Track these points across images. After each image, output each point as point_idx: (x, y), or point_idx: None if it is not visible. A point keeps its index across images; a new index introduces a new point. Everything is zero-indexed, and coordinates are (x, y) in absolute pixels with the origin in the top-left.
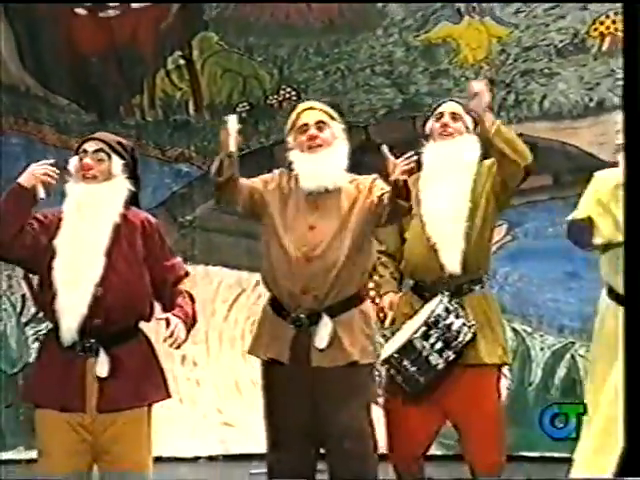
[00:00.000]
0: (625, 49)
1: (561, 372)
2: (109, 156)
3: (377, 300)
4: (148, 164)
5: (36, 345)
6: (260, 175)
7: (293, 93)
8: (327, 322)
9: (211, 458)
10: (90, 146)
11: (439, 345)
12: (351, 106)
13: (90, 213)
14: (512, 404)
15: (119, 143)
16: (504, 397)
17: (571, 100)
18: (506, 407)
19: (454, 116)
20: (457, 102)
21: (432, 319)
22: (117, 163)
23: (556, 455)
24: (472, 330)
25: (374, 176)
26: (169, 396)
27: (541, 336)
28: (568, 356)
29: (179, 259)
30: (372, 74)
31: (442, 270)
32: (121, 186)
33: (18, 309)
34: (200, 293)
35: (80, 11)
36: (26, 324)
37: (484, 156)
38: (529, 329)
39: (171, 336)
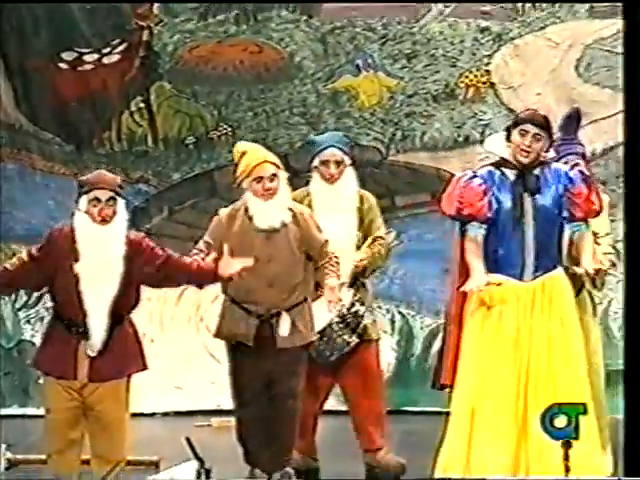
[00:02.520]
0: (625, 49)
1: (436, 346)
2: (115, 200)
3: None
4: None
5: (28, 326)
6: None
7: (229, 129)
8: (286, 317)
9: (165, 414)
10: (103, 195)
11: (348, 327)
12: (274, 140)
13: (104, 244)
14: (398, 370)
15: (119, 186)
16: (392, 366)
17: (444, 136)
18: (393, 372)
19: (337, 163)
20: (339, 148)
21: (342, 313)
22: (121, 203)
23: (433, 409)
24: (372, 317)
25: (310, 212)
26: (145, 368)
27: (421, 318)
28: (441, 334)
29: (161, 250)
30: (290, 114)
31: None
32: (123, 219)
33: (13, 297)
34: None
35: (63, 65)
36: (19, 309)
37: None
38: (412, 312)
39: None
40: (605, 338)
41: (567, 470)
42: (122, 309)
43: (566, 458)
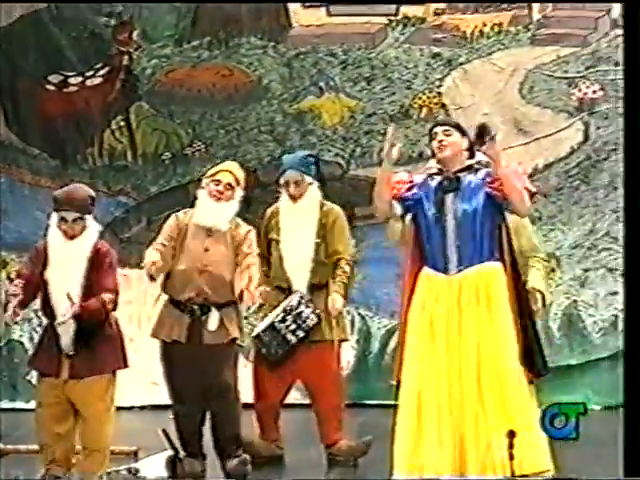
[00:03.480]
0: (625, 49)
1: (392, 345)
2: (82, 218)
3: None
4: (98, 197)
5: (16, 327)
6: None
7: (202, 146)
8: (215, 313)
9: (142, 407)
10: (69, 216)
11: (293, 327)
12: (243, 156)
13: (71, 257)
14: (357, 367)
15: (89, 200)
16: (352, 362)
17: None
18: (353, 369)
19: (296, 184)
20: (296, 169)
21: (288, 308)
22: (89, 219)
23: (389, 402)
24: (316, 316)
25: (248, 229)
26: (127, 366)
27: (378, 319)
28: (397, 333)
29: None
30: (259, 132)
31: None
32: (93, 232)
33: (3, 300)
34: (135, 289)
35: (49, 87)
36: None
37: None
38: (370, 314)
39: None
40: (545, 338)
41: (511, 458)
42: (89, 315)
43: (510, 447)
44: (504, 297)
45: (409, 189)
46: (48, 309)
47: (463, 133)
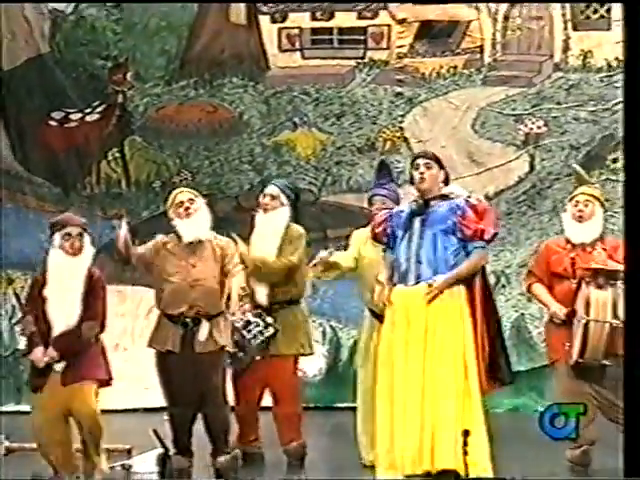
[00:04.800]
0: (625, 49)
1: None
2: (83, 235)
3: None
4: (95, 220)
5: (22, 338)
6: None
7: (189, 175)
8: (205, 324)
9: (135, 410)
10: (74, 230)
11: (253, 340)
12: (226, 184)
13: (70, 275)
14: (329, 373)
15: (85, 223)
16: (323, 370)
17: (366, 180)
18: (325, 375)
19: (272, 197)
20: (276, 185)
21: (245, 323)
22: (87, 239)
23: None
24: (272, 331)
25: (228, 240)
26: (110, 377)
27: (347, 330)
28: None
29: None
30: (240, 163)
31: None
32: (89, 253)
33: (10, 313)
34: (128, 303)
35: (52, 123)
36: (15, 323)
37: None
38: (340, 326)
39: None
40: None
41: (465, 454)
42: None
43: (465, 444)
44: (453, 305)
45: (384, 229)
46: (44, 325)
47: (441, 166)
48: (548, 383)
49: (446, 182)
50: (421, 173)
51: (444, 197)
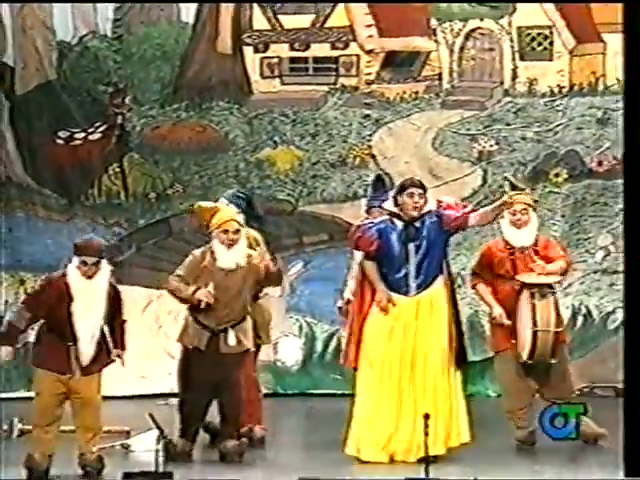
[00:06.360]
0: (625, 49)
1: (332, 346)
2: (99, 262)
3: None
4: (96, 229)
5: (31, 331)
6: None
7: (181, 187)
8: (232, 332)
9: (133, 396)
10: (89, 260)
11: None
12: (214, 195)
13: (91, 293)
14: (305, 363)
15: (103, 247)
16: (300, 360)
17: (338, 192)
18: (301, 365)
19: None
20: (225, 197)
21: None
22: (104, 263)
23: (330, 392)
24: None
25: (261, 258)
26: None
27: (321, 325)
28: (336, 337)
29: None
30: (226, 177)
31: None
32: (105, 273)
33: None
34: (126, 302)
35: (59, 141)
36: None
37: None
38: (315, 321)
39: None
40: None
41: (426, 435)
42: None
43: (426, 427)
44: (445, 308)
45: (374, 246)
46: (71, 334)
47: (425, 193)
48: None
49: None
50: (416, 202)
51: (424, 214)
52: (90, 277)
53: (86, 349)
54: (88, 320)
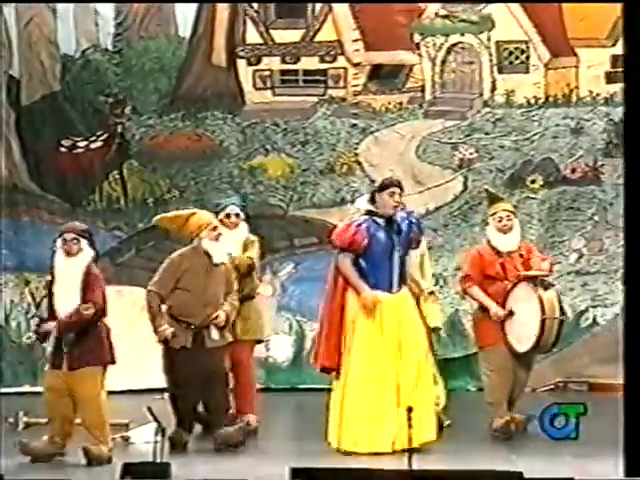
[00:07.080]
0: (625, 49)
1: None
2: (79, 240)
3: None
4: (98, 232)
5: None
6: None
7: (178, 193)
8: (213, 327)
9: (131, 391)
10: (68, 236)
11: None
12: (209, 200)
13: (70, 273)
14: (294, 360)
15: (85, 231)
16: (290, 357)
17: (327, 197)
18: (290, 362)
19: (237, 216)
20: (235, 205)
21: None
22: (84, 243)
23: (317, 387)
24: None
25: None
26: (114, 361)
27: (311, 323)
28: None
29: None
30: (220, 183)
31: None
32: (87, 255)
33: (25, 307)
34: (125, 300)
35: (62, 149)
36: (31, 317)
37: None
38: (304, 320)
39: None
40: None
41: (410, 427)
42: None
43: (409, 419)
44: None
45: (364, 243)
46: (52, 315)
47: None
48: (477, 367)
49: None
50: (396, 201)
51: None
52: (70, 255)
53: (49, 342)
54: (65, 299)
